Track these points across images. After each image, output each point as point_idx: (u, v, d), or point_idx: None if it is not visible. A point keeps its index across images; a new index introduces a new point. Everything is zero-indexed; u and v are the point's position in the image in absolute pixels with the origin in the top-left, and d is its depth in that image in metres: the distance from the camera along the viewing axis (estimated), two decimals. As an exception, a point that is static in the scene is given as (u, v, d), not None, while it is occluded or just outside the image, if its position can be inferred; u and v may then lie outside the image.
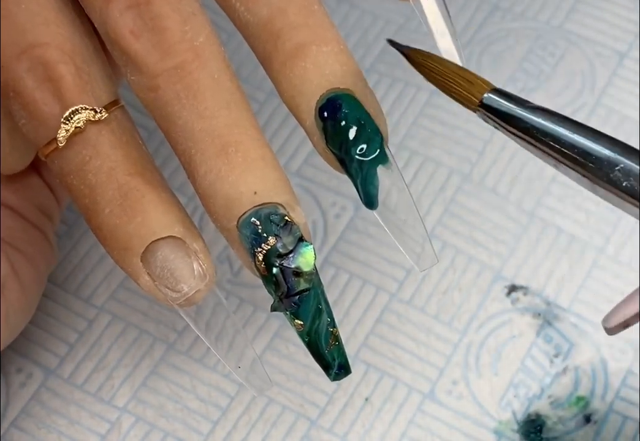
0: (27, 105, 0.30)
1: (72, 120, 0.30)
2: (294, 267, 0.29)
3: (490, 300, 0.41)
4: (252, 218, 0.29)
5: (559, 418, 0.39)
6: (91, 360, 0.40)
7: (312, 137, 0.31)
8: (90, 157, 0.30)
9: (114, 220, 0.30)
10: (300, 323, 0.30)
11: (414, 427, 0.39)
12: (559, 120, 0.30)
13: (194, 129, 0.30)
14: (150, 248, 0.30)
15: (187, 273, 0.30)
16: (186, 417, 0.39)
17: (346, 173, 0.31)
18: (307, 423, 0.39)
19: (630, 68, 0.46)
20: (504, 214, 0.43)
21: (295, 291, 0.29)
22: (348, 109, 0.30)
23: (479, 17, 0.48)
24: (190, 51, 0.30)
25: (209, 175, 0.29)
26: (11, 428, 0.39)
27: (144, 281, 0.30)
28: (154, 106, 0.30)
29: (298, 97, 0.30)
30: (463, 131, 0.45)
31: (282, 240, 0.29)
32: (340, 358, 0.30)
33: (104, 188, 0.30)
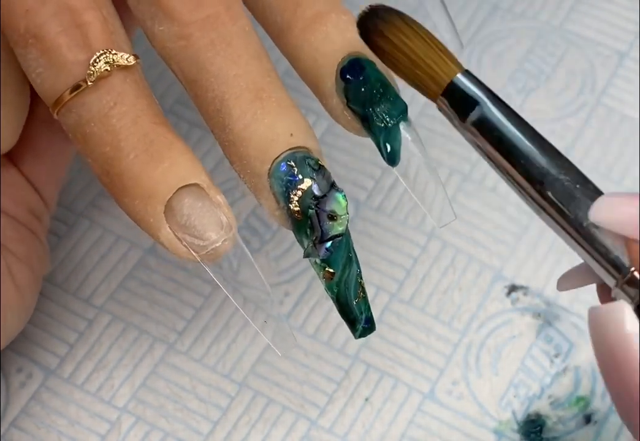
0: (49, 51, 0.30)
1: (100, 63, 0.30)
2: (329, 210, 0.29)
3: (490, 300, 0.41)
4: (289, 160, 0.29)
5: (559, 418, 0.39)
6: (91, 360, 0.40)
7: (330, 100, 0.31)
8: (116, 103, 0.30)
9: (139, 166, 0.29)
10: (331, 272, 0.29)
11: (414, 427, 0.39)
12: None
13: (228, 75, 0.30)
14: (176, 195, 0.29)
15: (214, 221, 0.29)
16: (186, 417, 0.39)
17: (368, 131, 0.31)
18: (307, 423, 0.39)
19: (630, 68, 0.46)
20: (504, 214, 0.43)
21: (329, 235, 0.29)
22: (371, 70, 0.31)
23: (479, 17, 0.48)
24: (222, 4, 0.30)
25: (244, 118, 0.30)
26: (11, 428, 0.39)
27: (165, 233, 0.29)
28: (185, 54, 0.30)
29: (321, 59, 0.31)
30: (463, 131, 0.45)
31: (317, 183, 0.29)
32: (367, 311, 0.30)
33: (129, 133, 0.30)
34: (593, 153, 0.44)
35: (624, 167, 0.44)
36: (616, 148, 0.44)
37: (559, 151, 0.30)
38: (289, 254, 0.42)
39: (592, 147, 0.45)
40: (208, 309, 0.41)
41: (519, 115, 0.30)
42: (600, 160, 0.44)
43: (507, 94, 0.46)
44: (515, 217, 0.43)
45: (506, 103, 0.30)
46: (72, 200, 0.43)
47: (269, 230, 0.43)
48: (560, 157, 0.29)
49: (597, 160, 0.44)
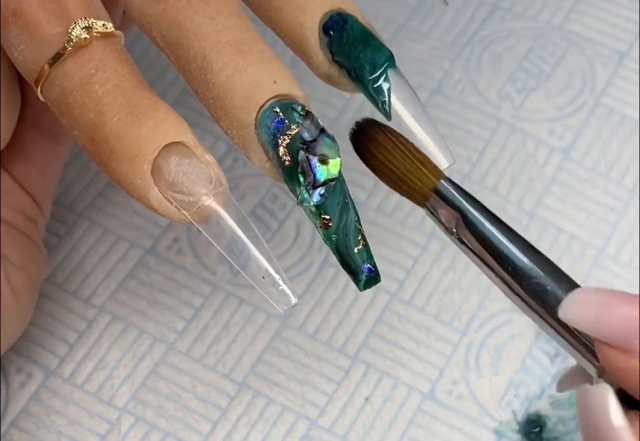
0: (28, 25, 0.30)
1: (77, 29, 0.30)
2: (320, 153, 0.29)
3: (490, 300, 0.41)
4: (274, 107, 0.29)
5: (559, 418, 0.39)
6: (91, 360, 0.40)
7: (315, 57, 0.31)
8: (97, 69, 0.30)
9: (123, 127, 0.29)
10: (327, 218, 0.29)
11: (414, 427, 0.39)
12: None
13: (208, 30, 0.30)
14: (162, 153, 0.29)
15: (203, 176, 0.29)
16: (186, 417, 0.39)
17: (356, 83, 0.31)
18: (307, 423, 0.39)
19: (630, 68, 0.46)
20: (504, 214, 0.43)
21: (322, 180, 0.29)
22: (352, 22, 0.31)
23: (479, 16, 0.48)
24: None
25: (226, 70, 0.29)
26: (11, 428, 0.39)
27: (154, 194, 0.29)
28: (163, 18, 0.30)
29: (302, 16, 0.31)
30: (463, 131, 0.45)
31: (305, 129, 0.29)
32: (370, 260, 0.29)
33: (112, 97, 0.29)
34: (593, 153, 0.44)
35: (623, 167, 0.44)
36: (616, 148, 0.44)
37: (535, 249, 0.30)
38: (289, 255, 0.42)
39: (592, 146, 0.45)
40: (208, 309, 0.41)
41: (496, 216, 0.31)
42: (600, 160, 0.44)
43: (507, 93, 0.46)
44: (515, 216, 0.43)
45: (484, 206, 0.31)
46: (71, 200, 0.43)
47: (269, 230, 0.43)
48: (538, 254, 0.30)
49: (597, 160, 0.44)
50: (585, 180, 0.44)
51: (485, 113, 0.45)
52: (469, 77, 0.46)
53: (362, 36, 0.31)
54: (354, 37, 0.31)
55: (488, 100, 0.46)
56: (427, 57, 0.47)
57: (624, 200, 0.43)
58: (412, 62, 0.46)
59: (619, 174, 0.44)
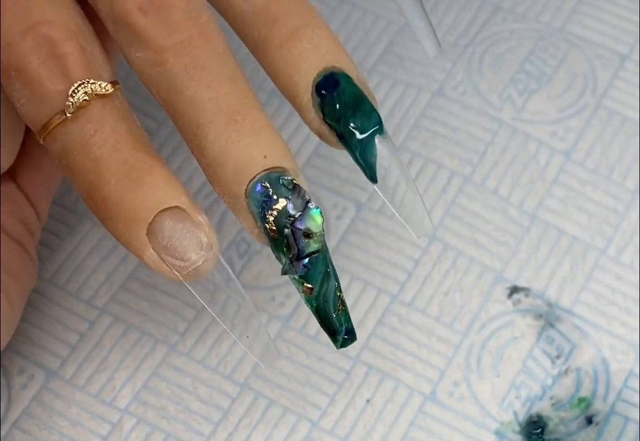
0: (30, 83, 0.31)
1: (79, 93, 0.30)
2: (304, 228, 0.30)
3: (491, 301, 0.41)
4: (263, 181, 0.30)
5: (560, 420, 0.39)
6: (92, 362, 0.40)
7: (307, 114, 0.32)
8: (96, 130, 0.31)
9: (120, 192, 0.30)
10: (309, 287, 0.30)
11: (415, 428, 0.39)
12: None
13: (203, 98, 0.30)
14: (157, 218, 0.30)
15: (194, 242, 0.30)
16: (187, 418, 0.39)
17: (344, 146, 0.32)
18: (308, 425, 0.39)
19: (631, 70, 0.46)
20: (506, 216, 0.43)
21: (306, 252, 0.30)
22: (345, 84, 0.31)
23: (480, 18, 0.48)
24: (196, 28, 0.31)
25: (219, 141, 0.30)
26: (13, 429, 0.39)
27: (149, 254, 0.30)
28: (161, 80, 0.31)
29: (296, 75, 0.32)
30: (464, 133, 0.45)
31: (292, 202, 0.30)
32: (347, 323, 0.31)
33: (110, 160, 0.30)
34: (594, 155, 0.44)
35: (625, 169, 0.44)
36: (617, 150, 0.45)
37: None
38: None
39: (593, 148, 0.45)
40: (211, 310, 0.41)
41: None
42: (601, 161, 0.44)
43: (509, 95, 0.46)
44: (516, 218, 0.43)
45: None
46: (73, 201, 0.43)
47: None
48: None
49: (598, 161, 0.44)
50: (587, 181, 0.44)
51: (486, 115, 0.45)
52: (471, 79, 0.46)
53: (353, 100, 0.31)
54: (345, 100, 0.31)
55: (489, 102, 0.46)
56: (429, 59, 0.47)
57: (626, 202, 0.43)
58: (414, 63, 0.46)
59: (620, 176, 0.44)
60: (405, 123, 0.45)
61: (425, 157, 0.44)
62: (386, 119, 0.45)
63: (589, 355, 0.40)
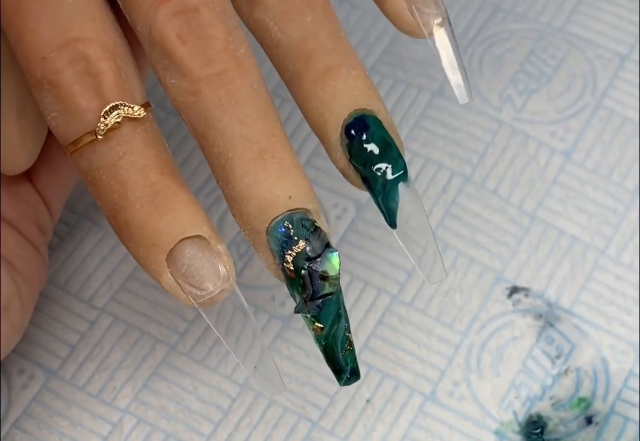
0: (63, 98, 0.31)
1: (111, 115, 0.31)
2: (321, 270, 0.30)
3: (491, 301, 0.41)
4: (285, 221, 0.31)
5: (560, 420, 0.39)
6: (93, 362, 0.40)
7: (334, 153, 0.32)
8: (125, 153, 0.31)
9: (144, 216, 0.30)
10: (320, 327, 0.31)
11: (415, 428, 0.39)
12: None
13: (234, 133, 0.31)
14: (178, 245, 0.31)
15: (213, 272, 0.31)
16: (187, 418, 0.39)
17: (368, 190, 0.32)
18: (308, 425, 0.39)
19: (631, 70, 0.46)
20: (506, 216, 0.43)
21: (320, 294, 0.31)
22: (375, 129, 0.32)
23: (480, 18, 0.48)
24: (233, 61, 0.31)
25: (246, 178, 0.31)
26: (13, 429, 0.39)
27: (166, 279, 0.31)
28: (193, 109, 0.31)
29: (327, 114, 0.32)
30: (464, 133, 0.45)
31: (311, 245, 0.31)
32: (353, 363, 0.32)
33: (136, 184, 0.31)
34: (594, 155, 0.44)
35: (625, 169, 0.44)
36: (617, 150, 0.45)
37: None
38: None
39: (593, 148, 0.45)
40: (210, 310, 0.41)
41: None
42: (601, 162, 0.44)
43: (508, 95, 0.46)
44: (516, 218, 0.43)
45: None
46: (73, 201, 0.44)
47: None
48: None
49: (598, 162, 0.44)
50: (587, 181, 0.44)
51: (486, 115, 0.45)
52: (471, 79, 0.46)
53: (381, 145, 0.32)
54: (373, 146, 0.32)
55: (489, 102, 0.46)
56: (429, 58, 0.47)
57: (626, 202, 0.43)
58: (414, 63, 0.46)
59: (620, 176, 0.44)
60: (405, 123, 0.45)
61: (425, 157, 0.44)
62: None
63: (588, 355, 0.40)
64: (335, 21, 0.33)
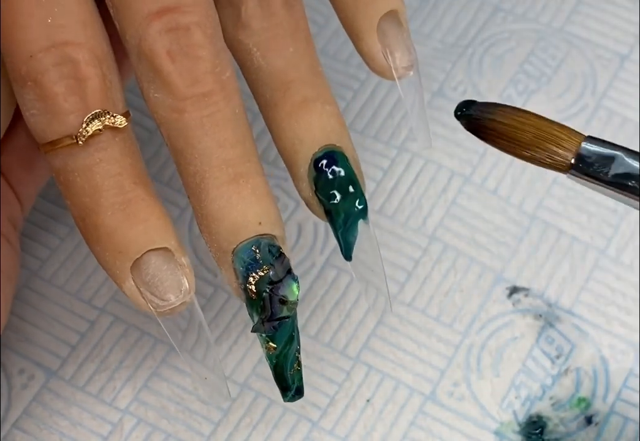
0: (46, 98, 0.31)
1: (94, 123, 0.31)
2: (282, 295, 0.32)
3: (491, 301, 0.41)
4: (253, 245, 0.32)
5: (560, 420, 0.39)
6: (93, 362, 0.40)
7: (300, 183, 0.34)
8: (101, 159, 0.31)
9: (115, 223, 0.31)
10: (273, 346, 0.32)
11: (415, 428, 0.39)
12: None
13: (212, 155, 0.31)
14: (144, 256, 0.31)
15: (176, 284, 0.32)
16: (188, 418, 0.39)
17: (329, 222, 0.34)
18: (308, 425, 0.39)
19: (631, 70, 0.46)
20: (506, 216, 0.43)
21: (277, 316, 0.32)
22: (342, 166, 0.33)
23: (480, 18, 0.48)
24: (218, 83, 0.32)
25: (220, 200, 0.31)
26: (13, 429, 0.39)
27: (128, 285, 0.31)
28: (174, 126, 0.32)
29: (299, 145, 0.33)
30: (464, 133, 0.45)
31: (274, 269, 0.32)
32: (299, 382, 0.33)
33: (109, 190, 0.31)
34: (594, 155, 0.44)
35: (625, 169, 0.44)
36: (617, 150, 0.45)
37: None
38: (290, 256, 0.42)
39: (593, 149, 0.45)
40: (210, 311, 0.41)
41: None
42: (601, 162, 0.44)
43: (508, 95, 0.46)
44: (516, 219, 0.43)
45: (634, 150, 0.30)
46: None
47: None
48: None
49: (598, 162, 0.44)
50: (587, 182, 0.44)
51: (486, 116, 0.45)
52: (470, 79, 0.46)
53: (347, 183, 0.33)
54: (339, 182, 0.33)
55: (489, 102, 0.46)
56: (429, 59, 0.47)
57: (625, 202, 0.43)
58: (414, 64, 0.46)
59: (620, 176, 0.44)
60: (405, 123, 0.45)
61: (425, 157, 0.44)
62: (386, 120, 0.45)
63: (588, 355, 0.40)
64: (315, 54, 0.34)
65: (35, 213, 0.43)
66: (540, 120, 0.31)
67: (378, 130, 0.45)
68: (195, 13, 0.31)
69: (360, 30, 0.35)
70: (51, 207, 0.43)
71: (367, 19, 0.35)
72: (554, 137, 0.30)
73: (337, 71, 0.46)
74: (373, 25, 0.35)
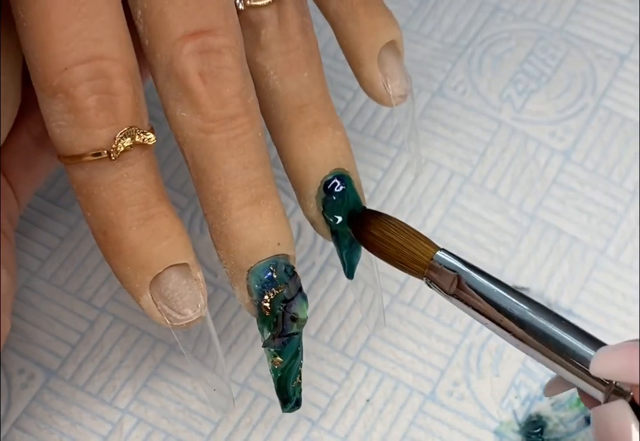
0: (76, 111, 0.31)
1: (126, 140, 0.31)
2: (293, 312, 0.33)
3: (491, 301, 0.41)
4: (271, 265, 0.33)
5: (560, 420, 0.39)
6: (93, 361, 0.40)
7: (308, 203, 0.35)
8: (128, 175, 0.32)
9: (139, 239, 0.32)
10: (280, 361, 0.34)
11: (415, 428, 0.39)
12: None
13: (237, 176, 0.32)
14: (165, 271, 0.32)
15: (193, 299, 0.33)
16: (187, 418, 0.39)
17: (334, 242, 0.35)
18: (308, 424, 0.39)
19: (630, 70, 0.46)
20: (505, 216, 0.43)
21: (288, 332, 0.33)
22: (350, 190, 0.35)
23: (480, 18, 0.48)
24: (244, 106, 0.32)
25: (242, 220, 0.33)
26: (13, 429, 0.39)
27: (146, 298, 0.32)
28: (200, 145, 0.32)
29: (311, 167, 0.34)
30: (464, 133, 0.45)
31: (288, 288, 0.33)
32: (299, 394, 0.35)
33: (135, 206, 0.32)
34: (593, 156, 0.44)
35: (624, 169, 0.44)
36: (616, 151, 0.45)
37: (533, 300, 0.33)
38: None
39: (592, 149, 0.45)
40: (210, 310, 0.41)
41: (493, 277, 0.33)
42: (600, 162, 0.44)
43: (508, 95, 0.46)
44: (516, 218, 0.43)
45: (479, 268, 0.34)
46: (73, 201, 0.44)
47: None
48: (538, 305, 0.33)
49: (598, 162, 0.44)
50: (586, 182, 0.44)
51: (486, 116, 0.45)
52: (470, 79, 0.46)
53: (353, 204, 0.35)
54: (347, 204, 0.35)
55: (489, 102, 0.46)
56: (429, 59, 0.47)
57: (625, 202, 0.43)
58: (414, 63, 0.46)
59: (619, 176, 0.44)
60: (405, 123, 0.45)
61: (425, 157, 0.44)
62: (386, 119, 0.45)
63: (588, 354, 0.40)
64: (325, 81, 0.35)
65: (35, 213, 0.43)
66: (406, 234, 0.34)
67: (378, 130, 0.45)
68: (227, 37, 0.32)
69: (362, 58, 0.36)
70: (51, 207, 0.43)
71: (369, 47, 0.36)
72: (412, 253, 0.34)
73: (337, 71, 0.46)
74: (375, 53, 0.36)
